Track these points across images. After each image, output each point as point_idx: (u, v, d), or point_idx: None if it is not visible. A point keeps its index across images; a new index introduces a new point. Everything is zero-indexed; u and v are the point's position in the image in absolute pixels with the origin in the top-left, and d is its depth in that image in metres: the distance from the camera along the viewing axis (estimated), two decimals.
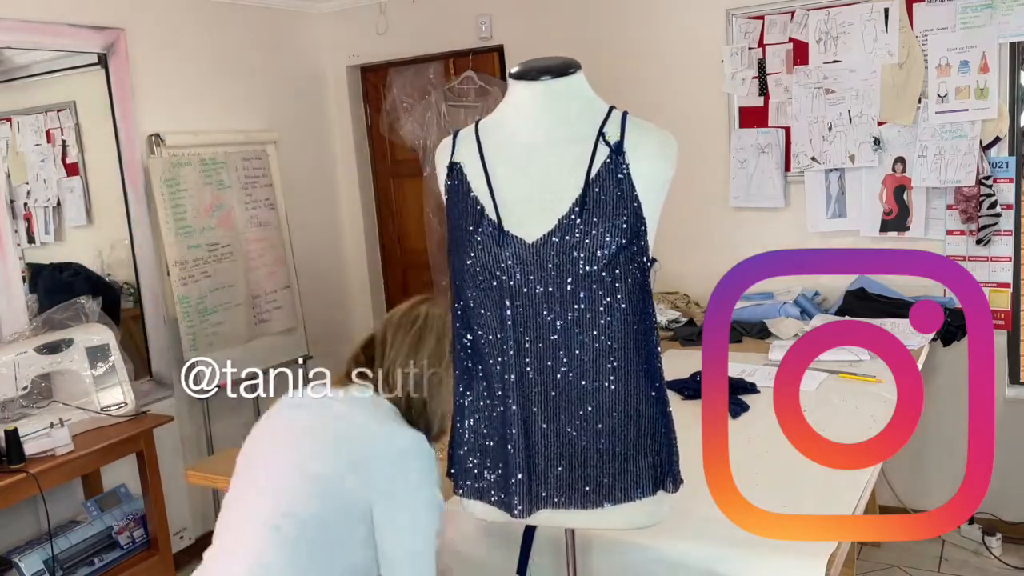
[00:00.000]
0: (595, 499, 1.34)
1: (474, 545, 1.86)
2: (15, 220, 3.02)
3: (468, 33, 3.99)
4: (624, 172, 1.28)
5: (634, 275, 1.29)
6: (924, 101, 3.09)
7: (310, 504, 1.37)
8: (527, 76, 1.35)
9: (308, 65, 4.31)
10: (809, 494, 1.75)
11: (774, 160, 3.38)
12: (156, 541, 2.94)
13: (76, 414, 2.71)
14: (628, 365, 1.31)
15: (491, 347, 1.32)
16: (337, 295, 4.44)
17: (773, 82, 3.36)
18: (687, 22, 3.50)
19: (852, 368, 2.52)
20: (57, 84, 3.29)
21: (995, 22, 2.95)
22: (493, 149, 1.35)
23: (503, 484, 1.36)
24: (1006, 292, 3.07)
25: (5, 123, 3.14)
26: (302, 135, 4.22)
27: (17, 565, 2.62)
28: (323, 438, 1.44)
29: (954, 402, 2.96)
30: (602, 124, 1.32)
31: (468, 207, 1.34)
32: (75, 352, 2.74)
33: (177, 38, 3.58)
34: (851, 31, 3.18)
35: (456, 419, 1.43)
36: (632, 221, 1.27)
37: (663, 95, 3.52)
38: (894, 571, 3.07)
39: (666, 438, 1.35)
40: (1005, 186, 3.02)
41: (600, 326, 1.29)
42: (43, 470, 2.47)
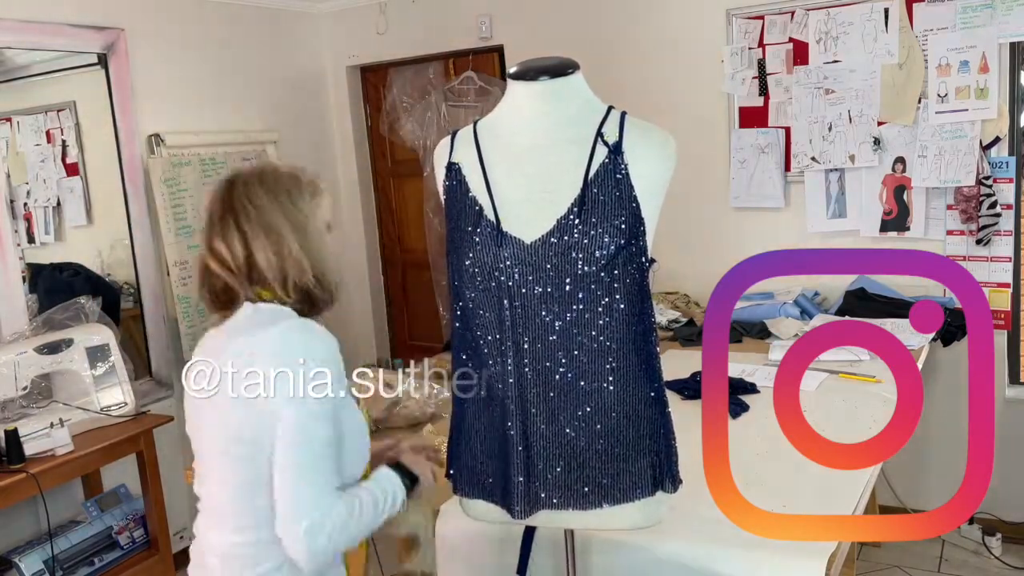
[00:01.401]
0: (594, 500, 1.34)
1: (474, 545, 1.86)
2: (15, 220, 3.02)
3: (468, 33, 3.99)
4: (623, 172, 1.28)
5: (633, 276, 1.28)
6: (924, 101, 3.09)
7: (244, 430, 1.31)
8: (525, 76, 1.35)
9: (308, 65, 4.31)
10: (809, 494, 1.75)
11: (774, 160, 3.38)
12: (156, 541, 2.94)
13: (76, 414, 2.71)
14: (627, 366, 1.31)
15: (490, 347, 1.32)
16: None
17: (773, 82, 3.36)
18: (687, 22, 3.50)
19: (852, 368, 2.52)
20: (57, 84, 3.29)
21: (995, 22, 2.94)
22: (492, 149, 1.35)
23: (502, 485, 1.36)
24: (1006, 292, 3.07)
25: (5, 123, 3.14)
26: (302, 135, 4.22)
27: (17, 565, 2.62)
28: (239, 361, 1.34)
29: (954, 402, 2.96)
30: (600, 124, 1.31)
31: (467, 207, 1.34)
32: (75, 352, 2.74)
33: (177, 38, 3.58)
34: (851, 31, 3.18)
35: (455, 419, 1.43)
36: (631, 222, 1.27)
37: (663, 95, 3.52)
38: (894, 571, 3.07)
39: (665, 439, 1.35)
40: (1005, 186, 3.02)
41: (599, 327, 1.29)
42: (43, 470, 2.47)
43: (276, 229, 1.31)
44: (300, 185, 1.37)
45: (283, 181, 1.36)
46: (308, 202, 1.36)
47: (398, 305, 4.66)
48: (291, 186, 1.36)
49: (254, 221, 1.31)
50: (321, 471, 1.25)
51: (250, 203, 1.32)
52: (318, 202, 1.38)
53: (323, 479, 1.25)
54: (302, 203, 1.35)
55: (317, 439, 1.25)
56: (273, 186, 1.34)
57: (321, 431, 1.26)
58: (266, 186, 1.34)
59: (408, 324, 4.63)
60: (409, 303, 4.63)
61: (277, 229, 1.31)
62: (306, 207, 1.35)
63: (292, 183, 1.36)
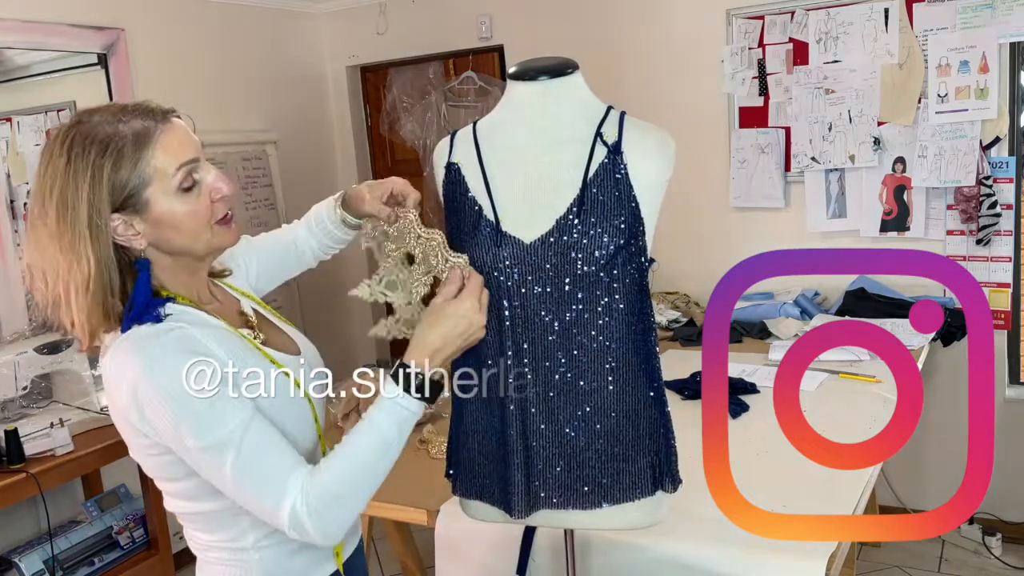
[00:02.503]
0: (593, 499, 1.34)
1: (474, 545, 1.87)
2: (15, 220, 3.02)
3: (468, 33, 3.99)
4: (622, 172, 1.28)
5: (632, 275, 1.28)
6: (924, 101, 3.09)
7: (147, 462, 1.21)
8: (525, 76, 1.35)
9: (308, 65, 4.32)
10: (809, 494, 1.75)
11: (774, 160, 3.38)
12: (156, 541, 2.94)
13: (76, 414, 2.71)
14: (626, 366, 1.31)
15: (489, 347, 1.32)
16: (337, 295, 4.43)
17: (773, 82, 3.36)
18: (687, 22, 3.50)
19: (852, 368, 2.52)
20: (57, 84, 3.29)
21: (995, 22, 2.94)
22: (491, 150, 1.35)
23: (502, 485, 1.36)
24: (1006, 292, 3.07)
25: (5, 123, 3.14)
26: (302, 135, 4.22)
27: (17, 565, 2.62)
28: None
29: (954, 402, 2.96)
30: (600, 124, 1.31)
31: (466, 207, 1.34)
32: (75, 352, 2.73)
33: (177, 38, 3.58)
34: (851, 31, 3.18)
35: (454, 420, 1.43)
36: (630, 221, 1.27)
37: (663, 95, 3.52)
38: (894, 571, 3.07)
39: (664, 438, 1.35)
40: (1005, 186, 3.02)
41: (598, 326, 1.29)
42: (43, 470, 2.47)
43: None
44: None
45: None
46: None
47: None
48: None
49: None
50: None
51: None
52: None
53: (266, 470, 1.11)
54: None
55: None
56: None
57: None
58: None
59: None
60: None
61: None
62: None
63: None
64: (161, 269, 1.17)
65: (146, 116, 1.13)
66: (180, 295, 1.18)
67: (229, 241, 1.22)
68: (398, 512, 1.94)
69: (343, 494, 1.12)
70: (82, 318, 1.10)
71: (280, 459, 1.11)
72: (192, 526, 1.25)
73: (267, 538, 1.21)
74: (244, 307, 1.33)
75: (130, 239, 1.12)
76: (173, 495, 1.22)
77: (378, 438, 1.14)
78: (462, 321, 1.22)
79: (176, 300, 1.17)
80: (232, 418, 1.09)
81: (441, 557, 1.92)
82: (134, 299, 1.11)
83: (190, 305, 1.18)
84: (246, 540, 1.21)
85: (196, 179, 1.15)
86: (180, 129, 1.15)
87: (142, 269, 1.13)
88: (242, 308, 1.33)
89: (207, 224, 1.17)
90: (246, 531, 1.20)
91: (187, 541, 1.29)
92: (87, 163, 1.08)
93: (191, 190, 1.14)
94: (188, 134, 1.16)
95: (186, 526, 1.26)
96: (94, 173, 1.08)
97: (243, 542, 1.21)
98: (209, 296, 1.27)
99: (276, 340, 1.31)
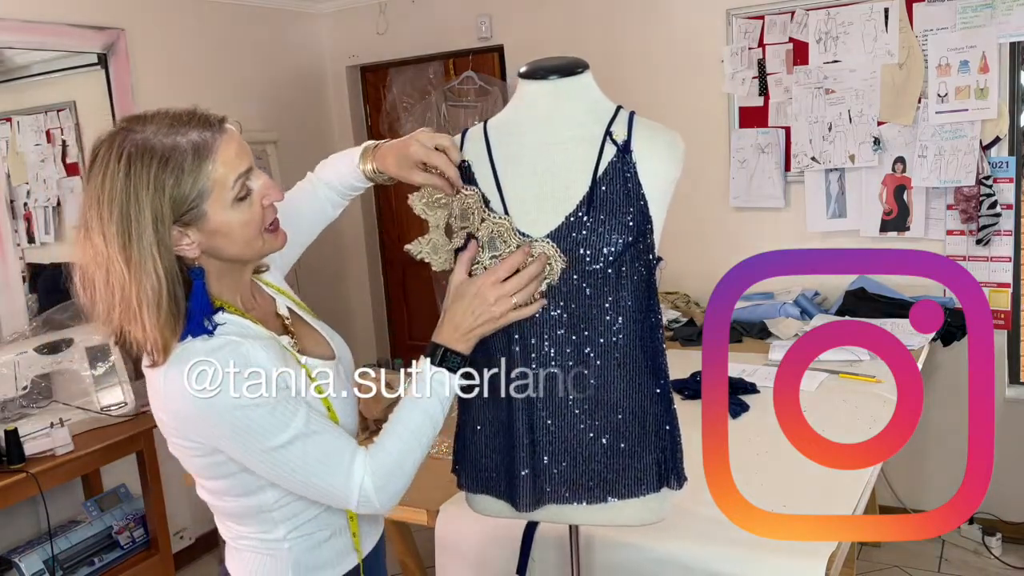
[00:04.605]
0: (599, 494, 1.35)
1: (474, 545, 1.87)
2: (15, 220, 3.02)
3: (468, 33, 3.99)
4: (631, 171, 1.29)
5: (640, 272, 1.30)
6: (924, 101, 3.09)
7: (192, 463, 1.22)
8: (535, 75, 1.36)
9: (308, 65, 4.32)
10: (809, 494, 1.76)
11: (774, 160, 3.38)
12: (156, 541, 2.94)
13: (76, 414, 2.71)
14: (633, 362, 1.32)
15: (497, 342, 1.33)
16: (337, 295, 4.44)
17: (773, 82, 3.36)
18: (687, 22, 3.50)
19: (852, 368, 2.52)
20: (57, 84, 3.29)
21: (995, 22, 2.95)
22: (501, 148, 1.36)
23: (508, 479, 1.36)
24: (1006, 292, 3.07)
25: (5, 123, 3.14)
26: (302, 135, 4.22)
27: (17, 565, 2.62)
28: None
29: (954, 402, 2.97)
30: (609, 123, 1.32)
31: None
32: (75, 352, 2.74)
33: (177, 38, 3.58)
34: (851, 31, 3.18)
35: (460, 416, 1.43)
36: (639, 219, 1.28)
37: (663, 95, 3.52)
38: (894, 571, 3.07)
39: (670, 435, 1.36)
40: (1005, 186, 3.02)
41: (606, 322, 1.30)
42: (43, 470, 2.47)
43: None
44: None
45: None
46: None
47: (398, 305, 4.66)
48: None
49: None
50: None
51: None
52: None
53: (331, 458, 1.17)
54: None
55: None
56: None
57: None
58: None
59: (408, 324, 4.64)
60: (409, 303, 4.63)
61: None
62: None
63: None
64: (209, 275, 1.19)
65: (202, 127, 1.14)
66: (228, 303, 1.21)
67: (278, 247, 1.25)
68: (398, 512, 1.94)
69: (399, 467, 1.21)
70: (155, 333, 1.10)
71: (341, 445, 1.18)
72: (225, 517, 1.29)
73: (295, 531, 1.26)
74: (280, 307, 1.36)
75: (184, 249, 1.14)
76: (212, 491, 1.25)
77: (421, 411, 1.24)
78: (476, 299, 1.26)
79: (225, 309, 1.19)
80: (293, 418, 1.14)
81: (441, 557, 1.92)
82: (191, 309, 1.13)
83: (237, 314, 1.21)
84: (277, 532, 1.25)
85: (250, 187, 1.17)
86: (235, 138, 1.17)
87: (196, 278, 1.15)
88: (278, 309, 1.35)
89: (259, 233, 1.19)
90: (277, 524, 1.25)
91: (218, 527, 1.33)
92: (149, 177, 1.08)
93: (245, 199, 1.16)
94: (242, 143, 1.18)
95: (219, 516, 1.31)
96: (156, 187, 1.08)
97: (275, 534, 1.26)
98: (251, 300, 1.29)
99: (311, 343, 1.34)
